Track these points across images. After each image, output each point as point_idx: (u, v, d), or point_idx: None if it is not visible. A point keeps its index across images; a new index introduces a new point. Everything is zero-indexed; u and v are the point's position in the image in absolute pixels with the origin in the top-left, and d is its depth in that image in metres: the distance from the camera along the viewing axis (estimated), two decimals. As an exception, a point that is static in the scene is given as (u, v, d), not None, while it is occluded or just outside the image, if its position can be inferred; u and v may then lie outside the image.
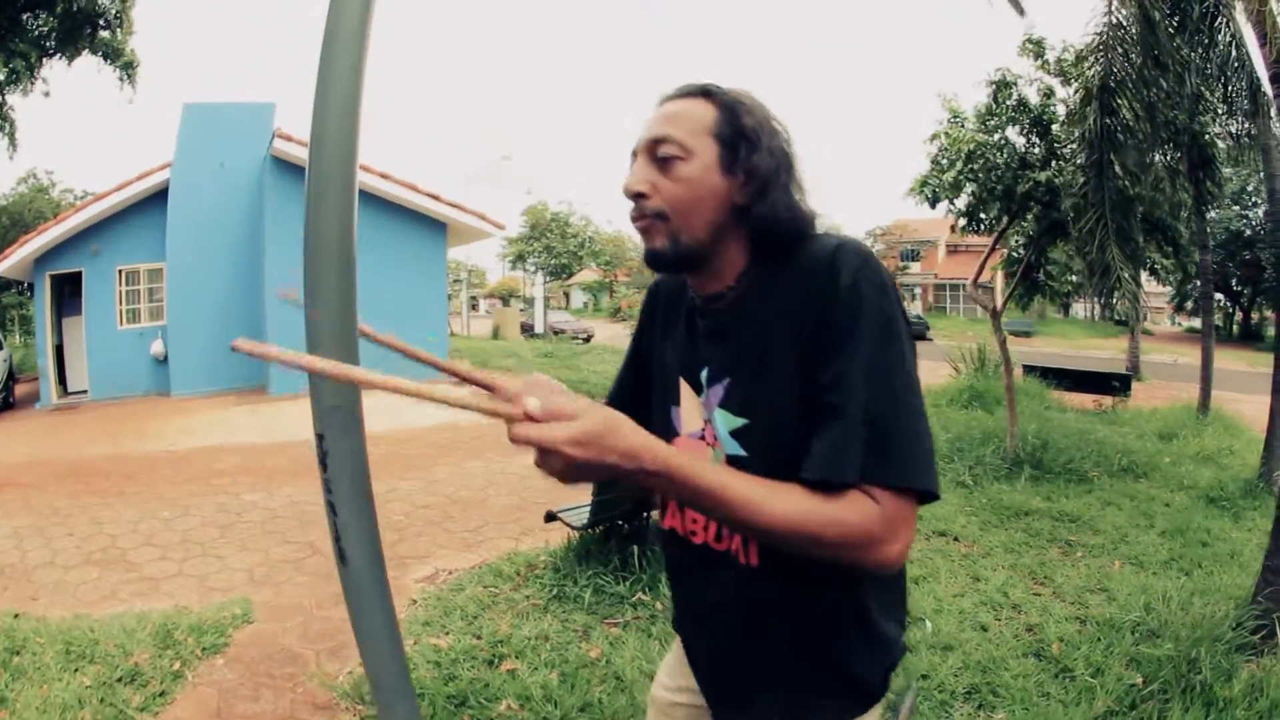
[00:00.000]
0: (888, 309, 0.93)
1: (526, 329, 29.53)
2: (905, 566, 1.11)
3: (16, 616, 3.83)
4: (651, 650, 3.33)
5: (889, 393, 0.90)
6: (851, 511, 0.87)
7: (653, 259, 1.05)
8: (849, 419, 0.89)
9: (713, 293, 1.09)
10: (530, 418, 0.78)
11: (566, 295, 51.70)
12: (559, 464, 0.79)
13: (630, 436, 0.83)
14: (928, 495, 0.91)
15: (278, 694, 3.12)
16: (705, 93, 1.04)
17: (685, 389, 1.13)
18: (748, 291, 1.06)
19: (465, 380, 0.95)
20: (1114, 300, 6.48)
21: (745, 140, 1.01)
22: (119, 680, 3.11)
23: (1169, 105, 5.81)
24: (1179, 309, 38.02)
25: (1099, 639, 3.49)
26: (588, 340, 27.90)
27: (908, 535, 0.89)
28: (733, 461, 1.03)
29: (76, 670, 3.18)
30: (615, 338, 26.57)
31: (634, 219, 1.05)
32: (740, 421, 1.03)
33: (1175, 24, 5.39)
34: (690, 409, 1.13)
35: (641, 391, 1.27)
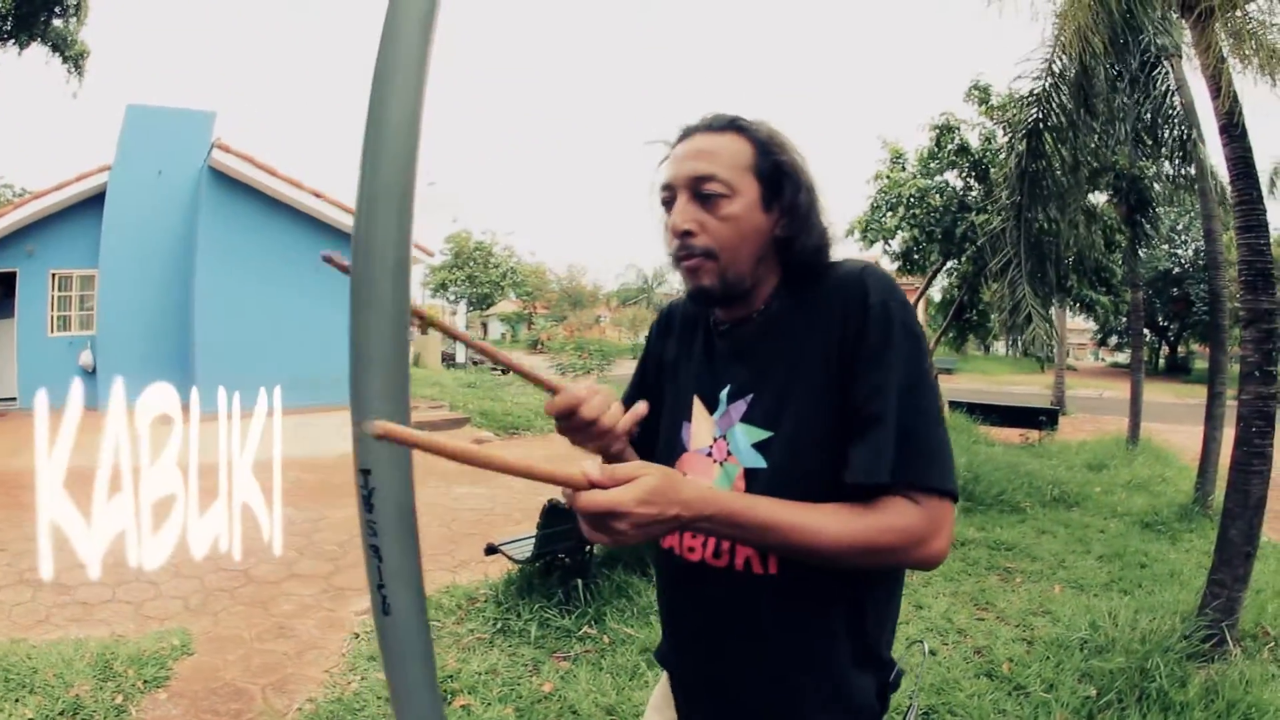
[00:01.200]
0: (914, 328, 1.00)
1: (447, 358, 28.98)
2: (901, 589, 1.17)
3: (-50, 639, 3.60)
4: (604, 684, 3.30)
5: (920, 405, 0.97)
6: (898, 516, 0.93)
7: (701, 296, 1.08)
8: (886, 428, 0.95)
9: (740, 317, 1.13)
10: (594, 484, 0.79)
11: (485, 326, 51.22)
12: (626, 525, 0.81)
13: (688, 488, 0.86)
14: (951, 496, 0.97)
15: (226, 732, 2.98)
16: (736, 127, 1.07)
17: (698, 407, 1.16)
18: (774, 313, 1.10)
19: (521, 375, 1.02)
20: (1023, 335, 6.71)
21: (786, 178, 1.05)
22: (61, 714, 2.97)
23: (1103, 150, 6.06)
24: (1102, 344, 39.35)
25: (1048, 657, 3.59)
26: (506, 372, 27.51)
27: (948, 532, 0.96)
28: (750, 474, 1.06)
29: (18, 700, 3.03)
30: (535, 370, 26.37)
31: (680, 257, 1.07)
32: (764, 434, 1.06)
33: (1114, 73, 5.62)
34: (701, 426, 1.15)
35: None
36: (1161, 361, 37.49)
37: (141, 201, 11.75)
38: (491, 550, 4.31)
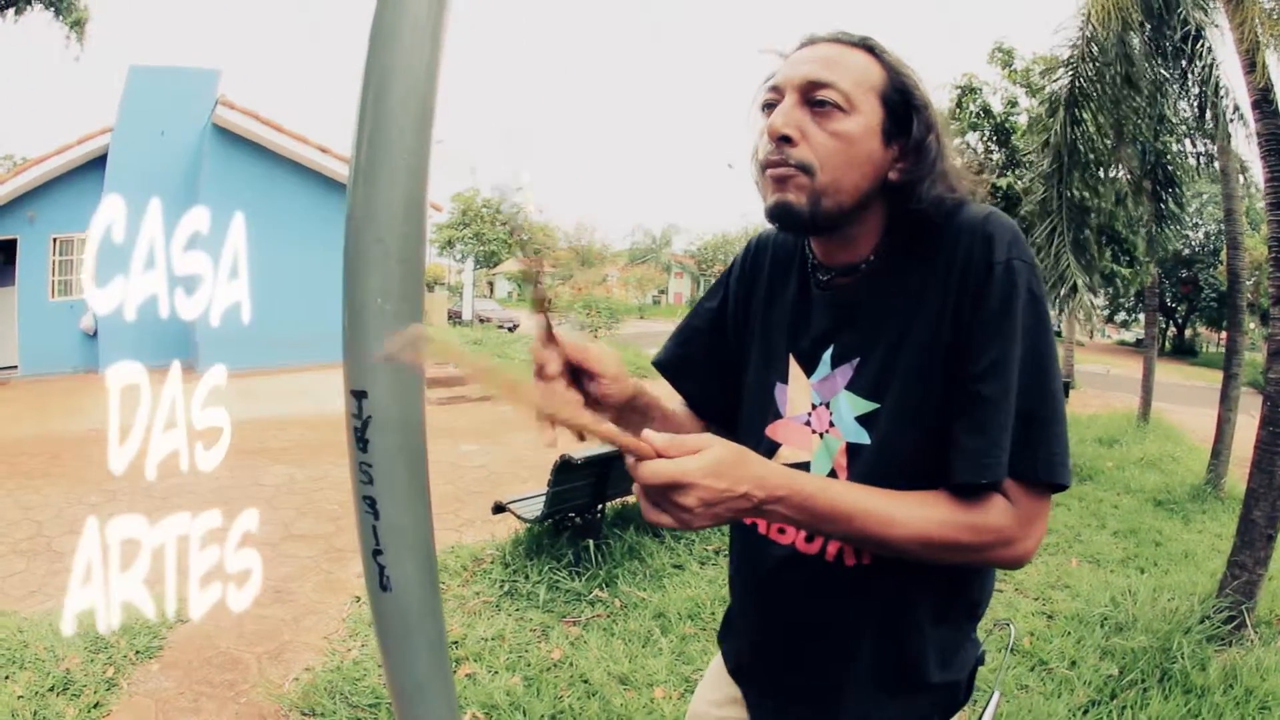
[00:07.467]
0: (1040, 293, 0.88)
1: (453, 316, 28.95)
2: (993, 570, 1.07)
3: (-61, 613, 3.50)
4: (616, 651, 3.21)
5: (1043, 385, 0.85)
6: (989, 514, 0.84)
7: (782, 214, 0.92)
8: (1004, 414, 0.84)
9: (844, 264, 0.98)
10: (659, 453, 0.71)
11: (491, 285, 51.17)
12: (691, 499, 0.72)
13: (760, 464, 0.77)
14: (1061, 487, 0.87)
15: (220, 704, 2.90)
16: (867, 47, 0.92)
17: (795, 368, 1.03)
18: (885, 265, 0.96)
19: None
20: (1069, 307, 6.60)
21: (917, 114, 0.91)
22: (51, 690, 2.87)
23: (1139, 123, 5.90)
24: (1109, 321, 39.21)
25: (1069, 633, 3.56)
26: (513, 329, 27.59)
27: (1040, 531, 0.87)
28: (853, 449, 0.95)
29: (7, 677, 2.93)
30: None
31: (770, 163, 0.91)
32: (870, 406, 0.94)
33: (1153, 44, 5.47)
34: (798, 390, 1.02)
35: (713, 355, 1.14)
36: (1168, 343, 37.39)
37: (145, 162, 11.55)
38: (499, 509, 4.18)
